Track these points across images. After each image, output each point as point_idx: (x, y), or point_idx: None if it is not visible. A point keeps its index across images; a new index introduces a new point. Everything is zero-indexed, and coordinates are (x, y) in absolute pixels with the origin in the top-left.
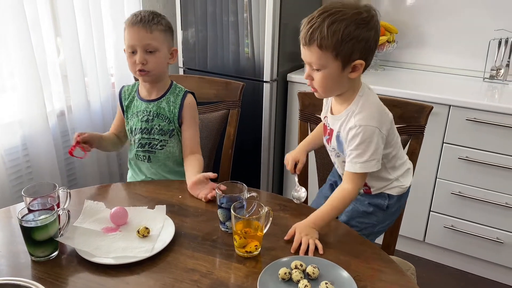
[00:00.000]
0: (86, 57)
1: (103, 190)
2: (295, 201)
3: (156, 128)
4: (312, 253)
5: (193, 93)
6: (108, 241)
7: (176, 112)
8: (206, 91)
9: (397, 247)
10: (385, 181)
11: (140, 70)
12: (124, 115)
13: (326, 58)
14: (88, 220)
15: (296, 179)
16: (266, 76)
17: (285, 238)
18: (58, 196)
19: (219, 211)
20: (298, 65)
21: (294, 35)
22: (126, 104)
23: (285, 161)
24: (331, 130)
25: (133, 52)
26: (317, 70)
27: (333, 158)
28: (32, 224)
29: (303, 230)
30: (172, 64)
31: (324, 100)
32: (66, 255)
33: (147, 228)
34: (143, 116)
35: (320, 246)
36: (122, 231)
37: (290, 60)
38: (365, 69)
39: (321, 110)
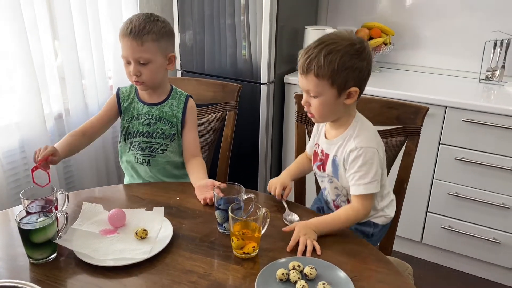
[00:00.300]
0: (83, 60)
1: (101, 192)
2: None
3: (158, 132)
4: (310, 253)
5: (192, 97)
6: (106, 243)
7: (179, 116)
8: (203, 93)
9: (394, 248)
10: (373, 210)
11: (136, 81)
12: (120, 116)
13: (323, 86)
14: (86, 222)
15: (286, 205)
16: (263, 78)
17: (284, 229)
18: (56, 199)
19: (216, 213)
20: (295, 67)
21: (291, 38)
22: (125, 105)
23: (269, 188)
24: (326, 156)
25: (128, 62)
26: (314, 97)
27: (324, 185)
28: (30, 227)
29: (302, 229)
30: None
31: (314, 129)
32: (64, 257)
33: (145, 230)
34: (145, 120)
35: (318, 247)
36: (120, 233)
37: (286, 62)
38: (359, 96)
39: None
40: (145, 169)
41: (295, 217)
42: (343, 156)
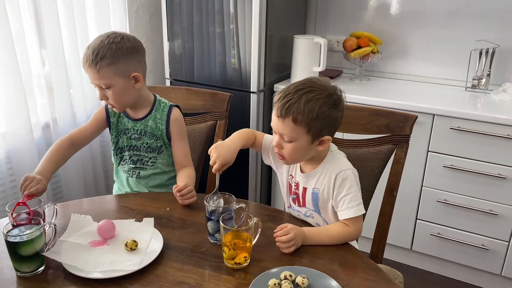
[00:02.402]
0: (71, 69)
1: (90, 203)
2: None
3: (144, 146)
4: (282, 249)
5: (178, 106)
6: (95, 255)
7: (163, 128)
8: (193, 102)
9: (384, 256)
10: None
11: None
12: (109, 130)
13: (299, 132)
14: (75, 234)
15: (217, 184)
16: (253, 87)
17: (276, 230)
18: (44, 211)
19: (208, 223)
20: (284, 75)
21: (280, 46)
22: (112, 121)
23: (210, 152)
24: (304, 189)
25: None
26: (288, 141)
27: (301, 219)
28: (18, 239)
29: (293, 231)
30: (159, 76)
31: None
32: (52, 270)
33: (135, 241)
34: (132, 134)
35: (287, 251)
36: (110, 244)
37: (276, 70)
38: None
39: None
40: (134, 181)
41: (220, 202)
42: (326, 184)
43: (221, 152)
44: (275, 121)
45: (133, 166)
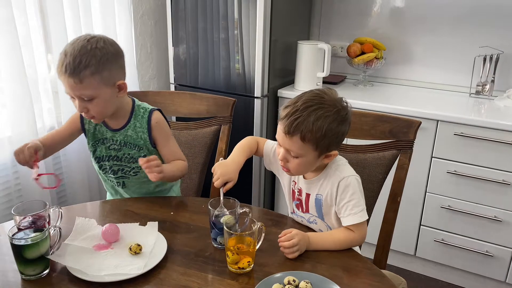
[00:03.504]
0: None
1: (94, 207)
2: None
3: (126, 157)
4: (286, 254)
5: (159, 110)
6: (100, 259)
7: (146, 137)
8: (197, 107)
9: (388, 262)
10: None
11: (86, 115)
12: (86, 137)
13: (307, 149)
14: (79, 237)
15: (222, 198)
16: (257, 92)
17: (280, 235)
18: (49, 215)
19: (211, 227)
20: (288, 81)
21: (284, 52)
22: (88, 128)
23: (213, 171)
24: (307, 196)
25: (73, 97)
26: (295, 157)
27: (304, 225)
28: (23, 242)
29: (297, 236)
30: (163, 81)
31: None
32: (57, 273)
33: (139, 245)
34: (111, 144)
35: (291, 257)
36: (114, 248)
37: (280, 76)
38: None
39: None
40: (122, 191)
41: (224, 212)
42: (329, 190)
43: (224, 170)
44: (281, 137)
45: (114, 176)
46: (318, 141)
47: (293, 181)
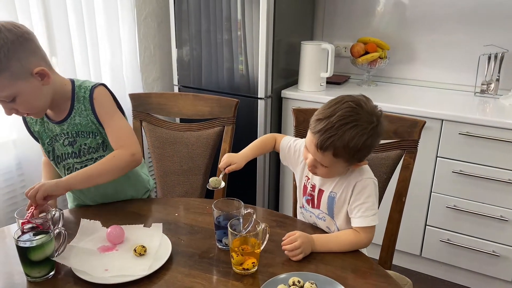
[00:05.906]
0: (81, 76)
1: (99, 208)
2: (209, 186)
3: (84, 149)
4: (291, 257)
5: (103, 84)
6: (104, 260)
7: (94, 119)
8: (201, 108)
9: (394, 262)
10: None
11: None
12: (39, 141)
13: (338, 162)
14: (84, 239)
15: (221, 176)
16: (261, 93)
17: (284, 238)
18: (52, 217)
19: (216, 228)
20: (292, 81)
21: (288, 52)
22: (36, 129)
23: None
24: (320, 192)
25: None
26: (324, 166)
27: (312, 220)
28: (28, 244)
29: (302, 239)
30: (167, 82)
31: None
32: (62, 275)
33: (143, 247)
34: (64, 140)
35: (296, 258)
36: (119, 249)
37: (284, 76)
38: None
39: None
40: (92, 190)
41: (221, 184)
42: (345, 189)
43: (231, 156)
44: (313, 149)
45: None
46: (350, 156)
47: (305, 176)
